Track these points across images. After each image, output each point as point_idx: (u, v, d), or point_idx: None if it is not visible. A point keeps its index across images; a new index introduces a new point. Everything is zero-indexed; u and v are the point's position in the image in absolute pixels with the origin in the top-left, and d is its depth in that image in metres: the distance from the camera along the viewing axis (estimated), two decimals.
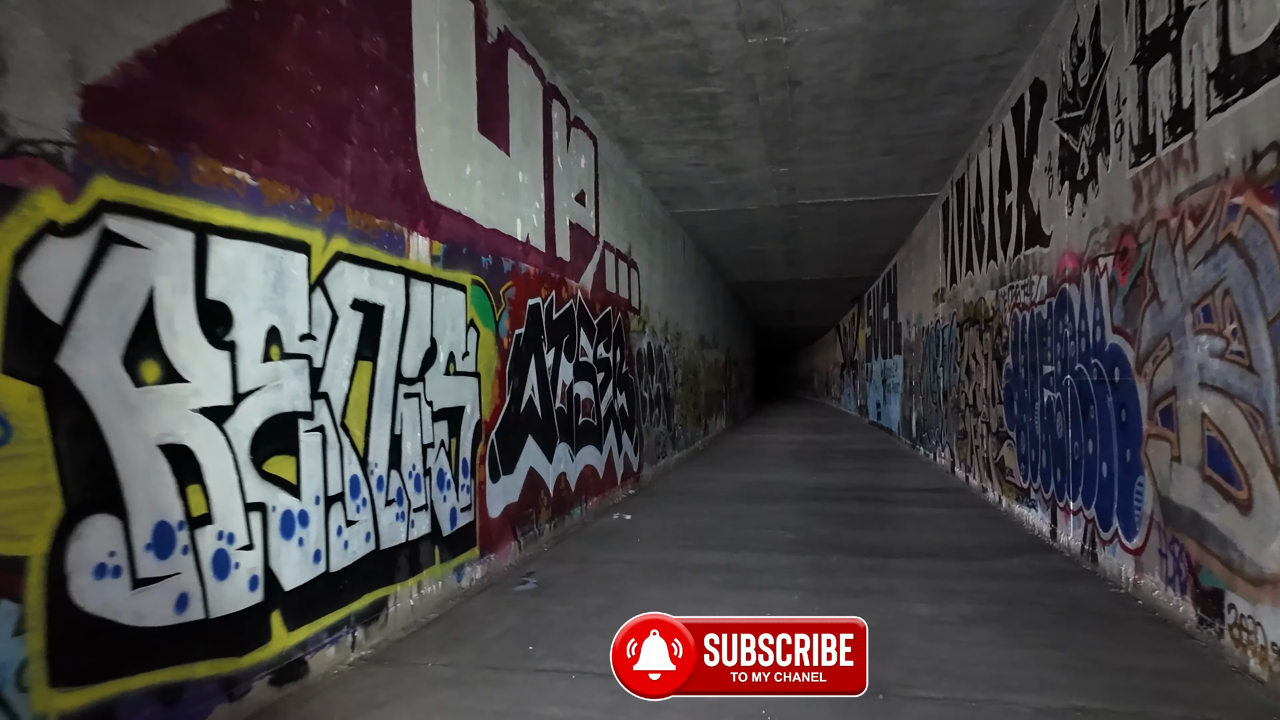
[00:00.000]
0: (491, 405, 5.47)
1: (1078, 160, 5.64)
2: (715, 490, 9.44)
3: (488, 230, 5.47)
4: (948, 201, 10.93)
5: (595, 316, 8.16)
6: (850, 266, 18.51)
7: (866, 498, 8.62)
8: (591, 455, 7.92)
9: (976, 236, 9.06)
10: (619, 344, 9.14)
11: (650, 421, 10.84)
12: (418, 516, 4.43)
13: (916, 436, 14.01)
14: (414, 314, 4.41)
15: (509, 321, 5.82)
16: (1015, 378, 7.29)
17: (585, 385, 7.76)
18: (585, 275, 7.84)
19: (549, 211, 6.76)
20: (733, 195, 11.46)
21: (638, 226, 10.25)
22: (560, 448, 6.93)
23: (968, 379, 9.54)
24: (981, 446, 8.71)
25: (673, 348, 12.87)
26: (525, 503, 6.06)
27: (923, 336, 13.38)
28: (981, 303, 8.78)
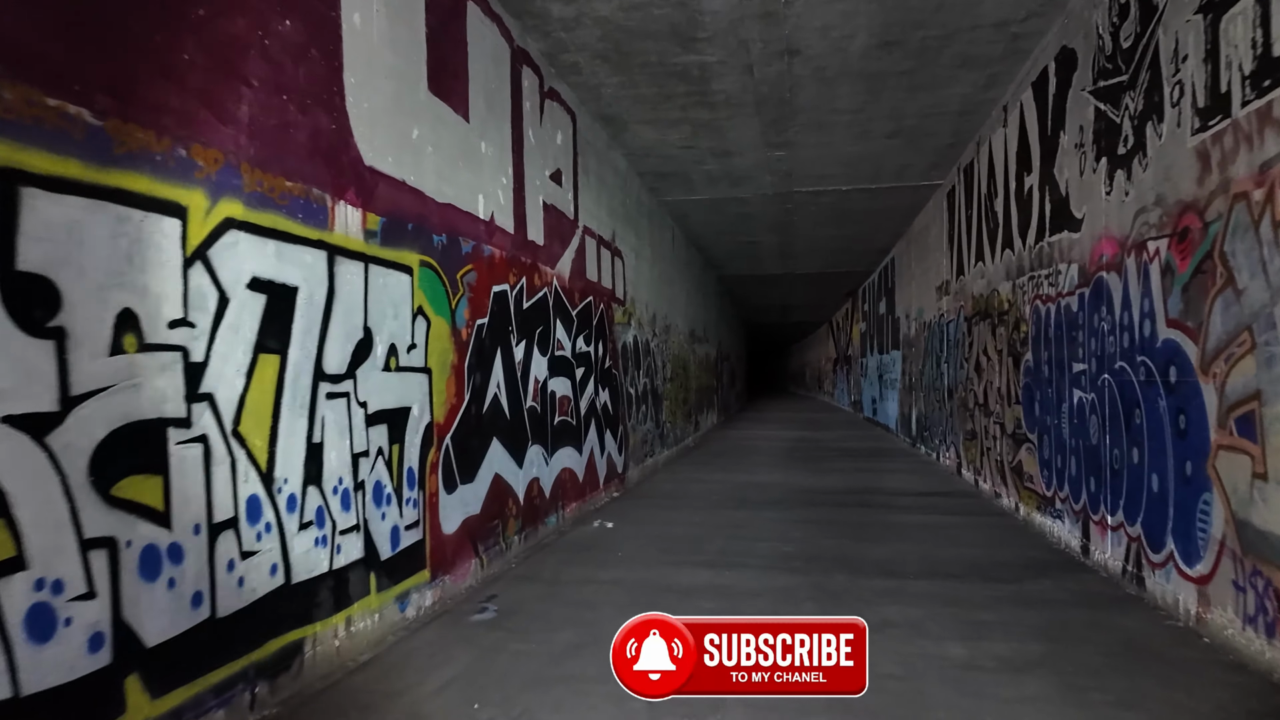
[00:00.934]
0: (446, 405, 4.75)
1: (1118, 132, 4.95)
2: (706, 493, 8.74)
3: (441, 205, 4.73)
4: (953, 190, 10.25)
5: (574, 307, 7.44)
6: (846, 260, 17.83)
7: (869, 502, 7.94)
8: (570, 458, 7.21)
9: (989, 224, 8.37)
10: (601, 337, 8.42)
11: (636, 419, 10.13)
12: (346, 539, 3.70)
13: (917, 434, 13.35)
14: (341, 298, 3.67)
15: (469, 310, 5.09)
16: (1037, 376, 6.61)
17: (562, 381, 7.04)
18: (562, 262, 7.11)
19: (518, 189, 6.03)
20: (725, 182, 10.74)
21: (623, 213, 9.52)
22: (533, 451, 6.21)
23: (977, 376, 8.86)
24: (994, 449, 8.03)
25: (661, 341, 12.16)
26: (489, 514, 5.34)
27: (924, 331, 12.71)
28: (994, 295, 8.09)
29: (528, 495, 6.08)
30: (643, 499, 8.56)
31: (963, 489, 8.91)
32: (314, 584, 3.46)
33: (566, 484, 7.06)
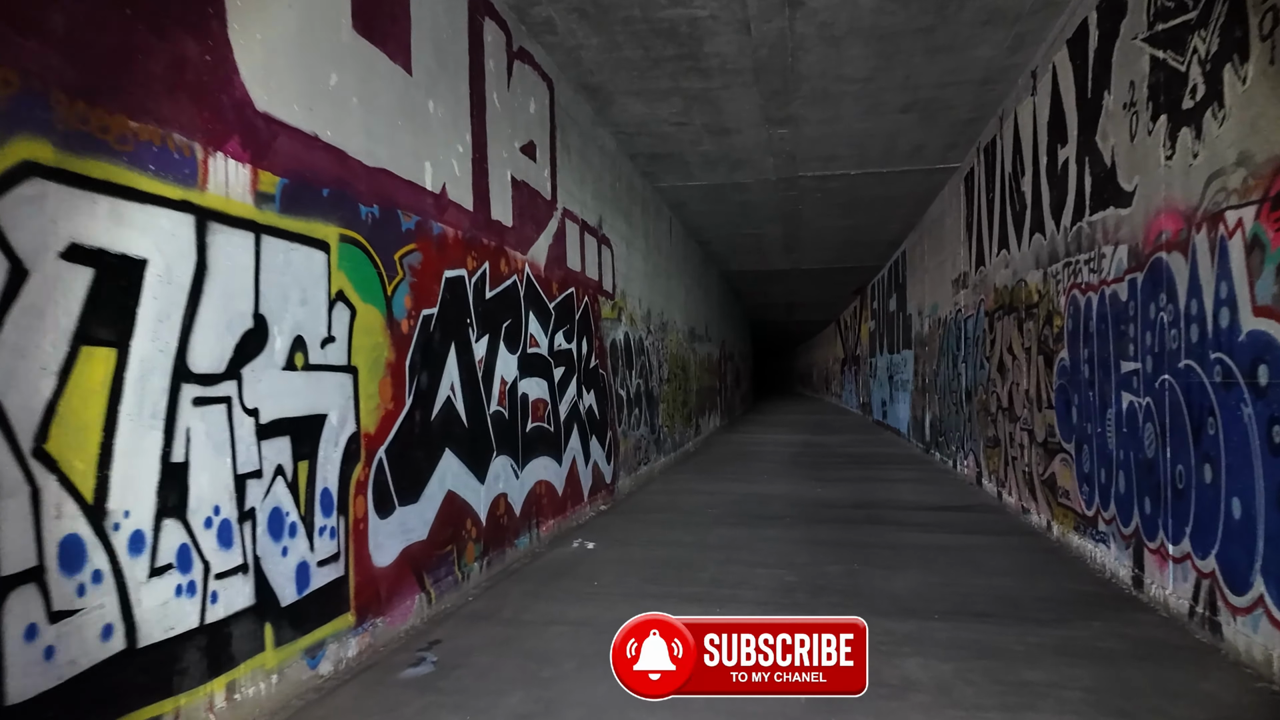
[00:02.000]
0: (379, 411, 3.97)
1: (1183, 82, 4.14)
2: (702, 506, 7.94)
3: (372, 170, 3.96)
4: (972, 173, 9.43)
5: (551, 299, 6.66)
6: (854, 254, 17.01)
7: (881, 518, 7.13)
8: (546, 468, 6.43)
9: (1014, 207, 7.55)
10: (585, 333, 7.64)
11: (628, 424, 9.34)
12: (227, 584, 2.93)
13: (931, 440, 12.52)
14: (217, 277, 2.90)
15: (412, 298, 4.31)
16: (1074, 377, 5.80)
17: (537, 383, 6.26)
18: (536, 247, 6.33)
19: (479, 160, 5.25)
20: (724, 165, 9.95)
21: (611, 197, 8.73)
22: (498, 463, 5.43)
23: (1000, 377, 8.04)
24: (1021, 458, 7.22)
25: (657, 339, 11.37)
26: (440, 539, 4.57)
27: (938, 329, 11.89)
28: (1021, 286, 7.28)
29: (492, 514, 5.30)
30: (632, 513, 7.77)
31: (984, 502, 8.09)
32: (175, 645, 2.68)
33: (542, 499, 6.28)
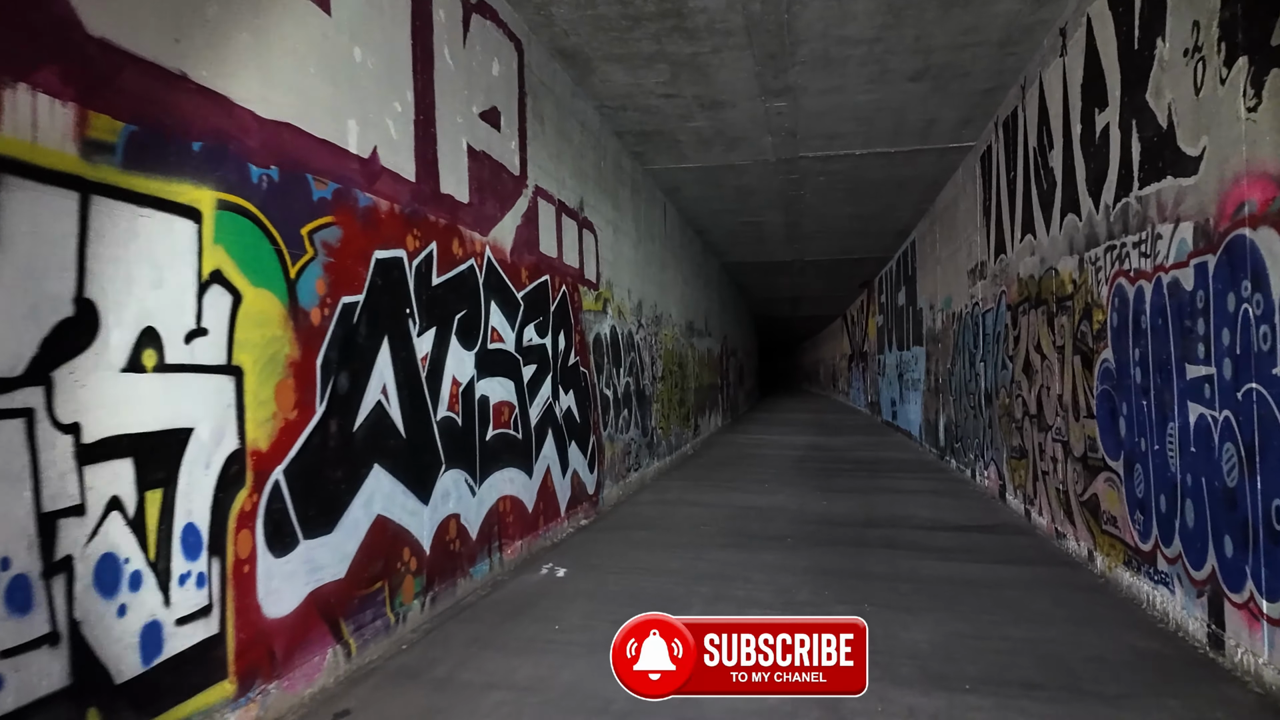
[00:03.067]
0: (277, 421, 3.20)
1: (1275, 10, 3.34)
2: (695, 521, 7.17)
3: (269, 123, 3.18)
4: (989, 151, 8.62)
5: (521, 287, 5.88)
6: (861, 245, 16.19)
7: (896, 540, 6.34)
8: (513, 482, 5.66)
9: (1041, 186, 6.75)
10: (562, 327, 6.86)
11: (614, 427, 8.56)
12: (18, 664, 2.16)
13: (946, 446, 11.71)
14: (11, 248, 2.13)
15: (327, 281, 3.54)
16: (1121, 381, 5.00)
17: (500, 383, 5.49)
18: (501, 228, 5.55)
19: (425, 123, 4.47)
20: (719, 144, 9.15)
21: (595, 178, 7.95)
22: (448, 478, 4.66)
23: (1026, 379, 7.24)
24: (1054, 473, 6.41)
25: (649, 334, 10.58)
26: (365, 575, 3.80)
27: (953, 324, 11.07)
28: (1051, 276, 6.47)
29: (440, 540, 4.53)
30: (616, 530, 6.99)
31: (1010, 522, 7.28)
32: None
33: (507, 517, 5.51)
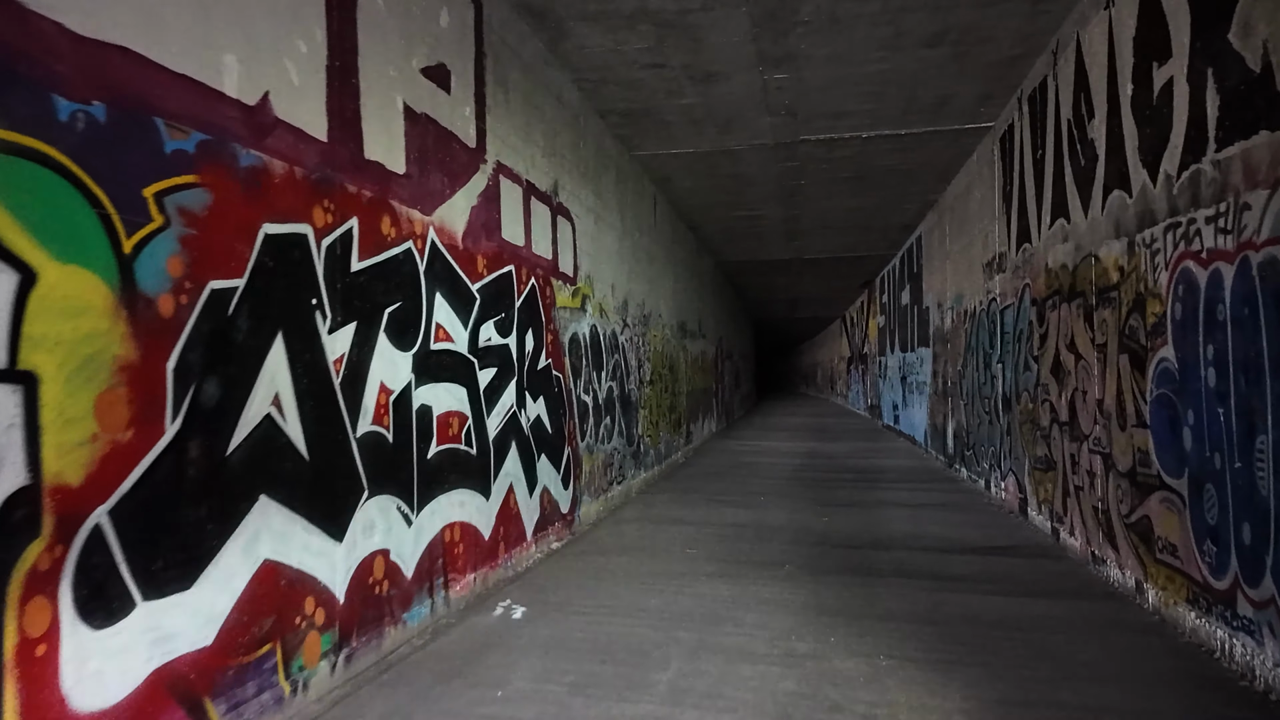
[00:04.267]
0: (97, 446, 2.35)
1: None
2: (680, 544, 6.32)
3: (90, 43, 2.34)
4: (1011, 131, 7.80)
5: (477, 277, 5.04)
6: (863, 241, 15.37)
7: (909, 567, 5.50)
8: (464, 505, 4.81)
9: (1077, 162, 5.93)
10: (531, 325, 6.02)
11: (594, 437, 7.72)
12: None
13: (955, 453, 10.88)
14: None
15: (185, 261, 2.69)
16: (1186, 385, 4.17)
17: (449, 390, 4.64)
18: (451, 207, 4.71)
19: (343, 71, 3.63)
20: (711, 126, 8.32)
21: (573, 161, 7.11)
22: (373, 507, 3.81)
23: (1055, 381, 6.41)
24: (1090, 489, 5.58)
25: (636, 334, 9.74)
26: (246, 638, 2.95)
27: (964, 323, 10.25)
28: (1090, 264, 5.64)
29: (360, 583, 3.68)
30: (591, 554, 6.15)
31: (1035, 541, 6.45)
32: None
33: (455, 547, 4.66)
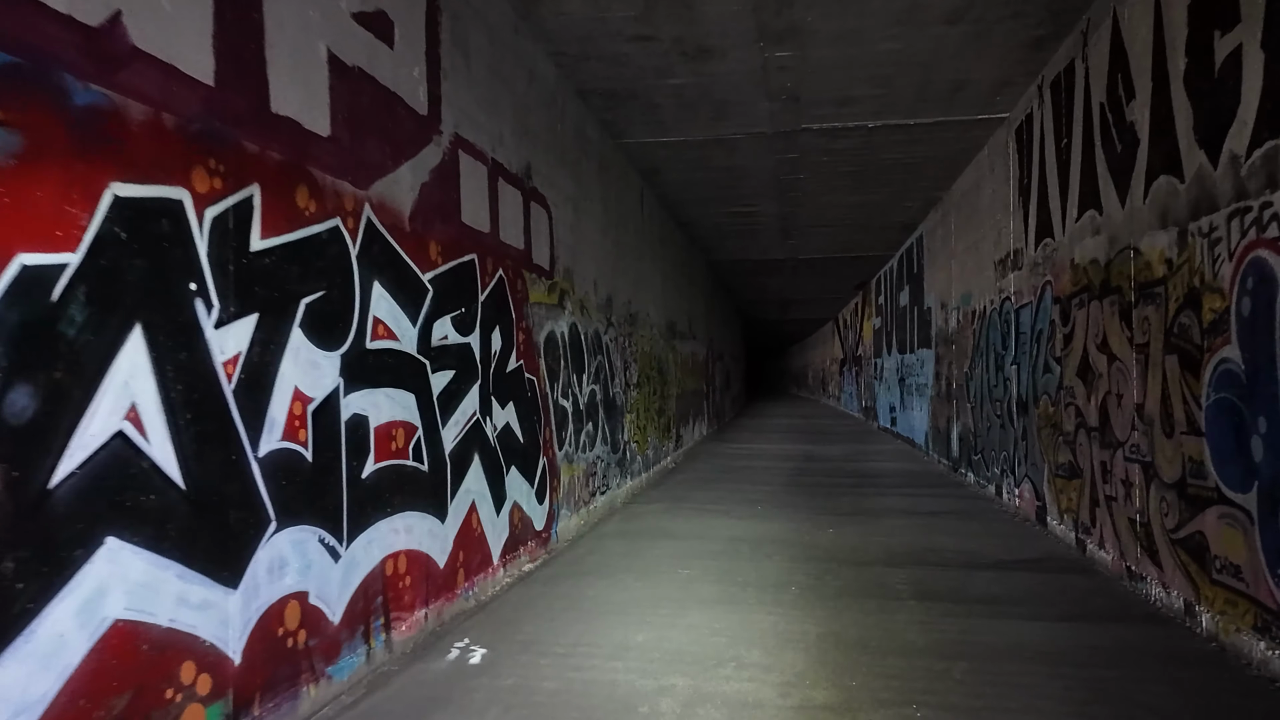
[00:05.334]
0: None
1: None
2: (670, 562, 5.66)
3: None
4: (1029, 121, 7.19)
5: (428, 266, 4.36)
6: (861, 241, 14.76)
7: (927, 586, 4.85)
8: (410, 531, 4.14)
9: (1111, 150, 5.30)
10: (499, 322, 5.35)
11: (574, 445, 7.05)
12: None
13: (961, 457, 10.26)
14: None
15: None
16: (1257, 388, 3.54)
17: (391, 397, 3.97)
18: (393, 183, 4.03)
19: (235, 3, 2.96)
20: (705, 110, 7.67)
21: (548, 141, 6.45)
22: (284, 542, 3.13)
23: (1082, 384, 5.79)
24: (1126, 500, 4.95)
25: (622, 334, 9.08)
26: (87, 717, 2.28)
27: (972, 323, 9.64)
28: (1128, 258, 5.02)
29: (264, 636, 3.00)
30: (569, 577, 5.48)
31: (1058, 553, 5.82)
32: None
33: (400, 580, 3.98)
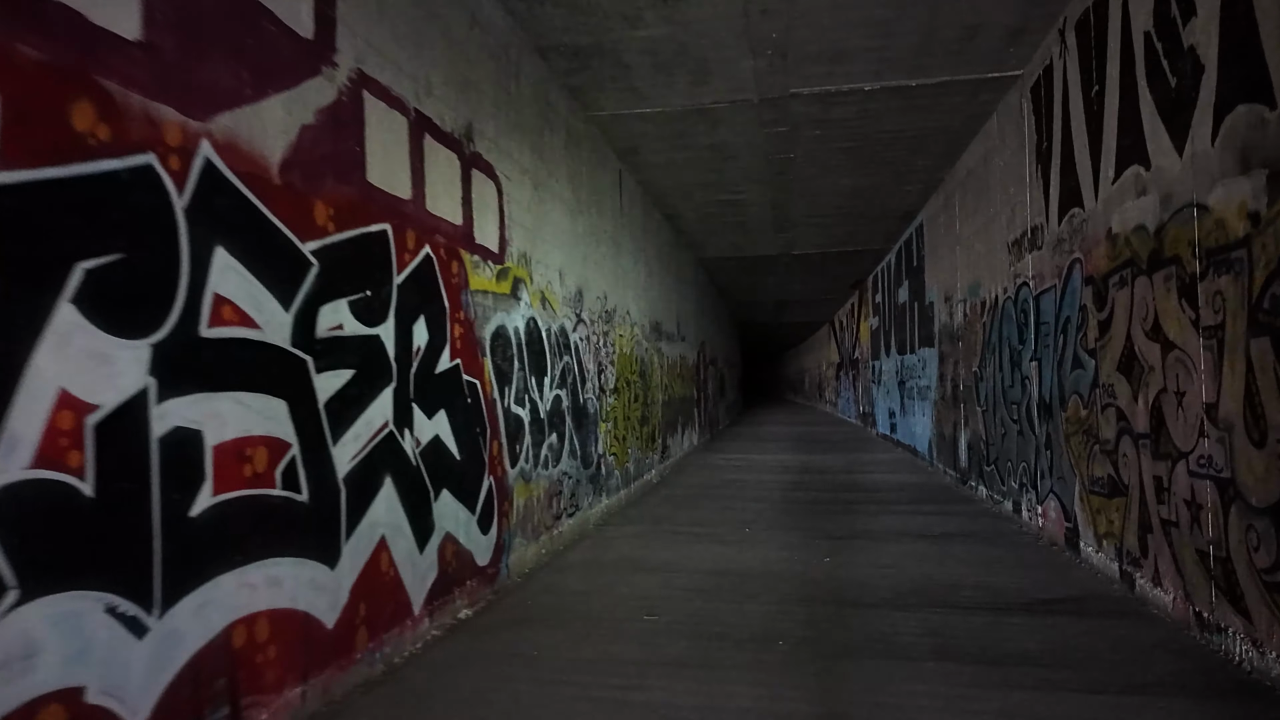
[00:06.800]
0: None
1: None
2: (639, 604, 4.70)
3: None
4: (1047, 75, 6.28)
5: (312, 234, 3.39)
6: (857, 233, 13.86)
7: (947, 641, 3.89)
8: (279, 586, 3.16)
9: (1163, 86, 4.38)
10: (425, 311, 4.38)
11: (534, 461, 6.09)
12: None
13: (970, 468, 9.31)
14: None
15: None
16: None
17: (245, 403, 2.99)
18: (251, 117, 3.06)
19: None
20: (683, 72, 6.75)
21: (499, 102, 5.51)
22: (35, 617, 2.12)
23: (1125, 379, 4.85)
24: (1190, 526, 4.00)
25: (596, 333, 8.13)
26: None
27: (982, 315, 8.71)
28: (1188, 219, 4.09)
29: None
30: (511, 628, 4.50)
31: (1099, 590, 4.87)
32: None
33: (262, 652, 2.99)
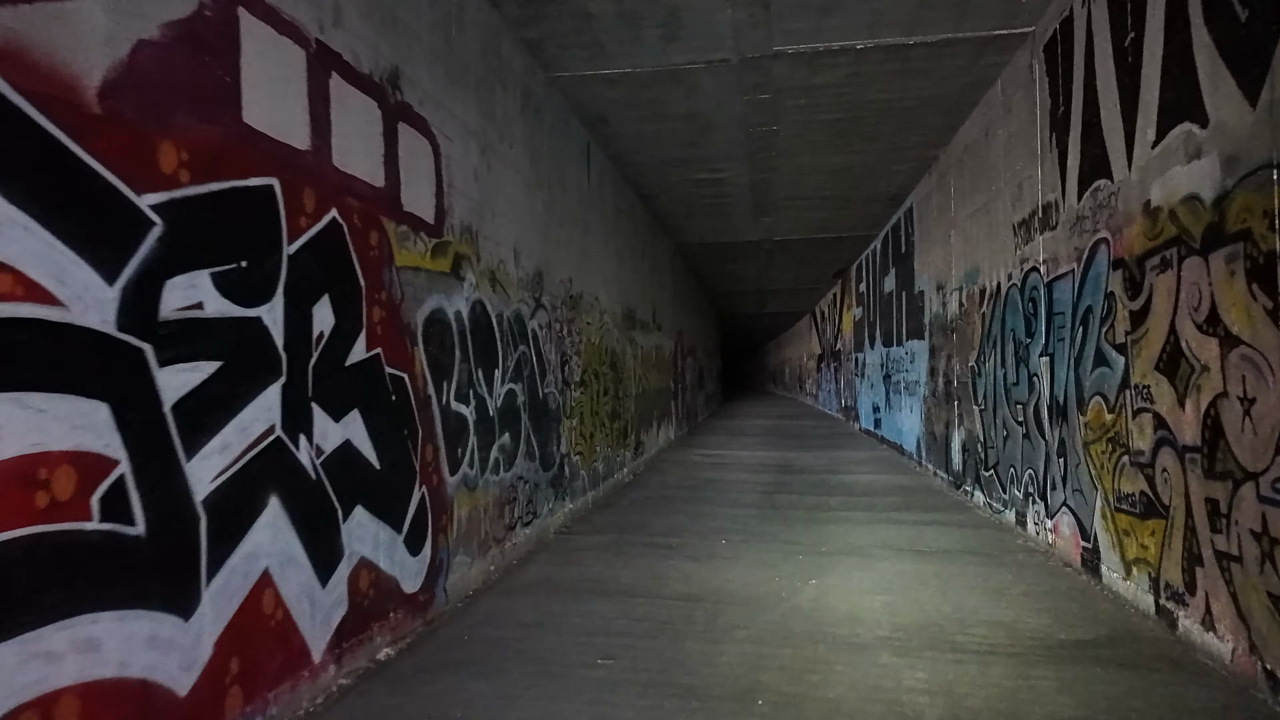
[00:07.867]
0: None
1: None
2: (591, 641, 3.93)
3: None
4: (1067, 26, 5.55)
5: (153, 185, 2.54)
6: (842, 218, 13.14)
7: (960, 707, 3.16)
8: (92, 652, 2.34)
9: (1229, 23, 3.64)
10: (332, 289, 3.55)
11: (481, 465, 5.28)
12: None
13: (965, 471, 8.63)
14: None
15: None
16: None
17: (36, 407, 2.15)
18: (49, 17, 2.22)
19: None
20: (651, 24, 5.91)
21: (440, 50, 4.66)
22: None
23: (1167, 380, 4.13)
24: (1260, 562, 3.28)
25: (558, 320, 7.31)
26: None
27: (980, 305, 8.00)
28: (1267, 183, 3.36)
29: None
30: (435, 675, 3.70)
31: (1133, 628, 4.16)
32: None
33: None
